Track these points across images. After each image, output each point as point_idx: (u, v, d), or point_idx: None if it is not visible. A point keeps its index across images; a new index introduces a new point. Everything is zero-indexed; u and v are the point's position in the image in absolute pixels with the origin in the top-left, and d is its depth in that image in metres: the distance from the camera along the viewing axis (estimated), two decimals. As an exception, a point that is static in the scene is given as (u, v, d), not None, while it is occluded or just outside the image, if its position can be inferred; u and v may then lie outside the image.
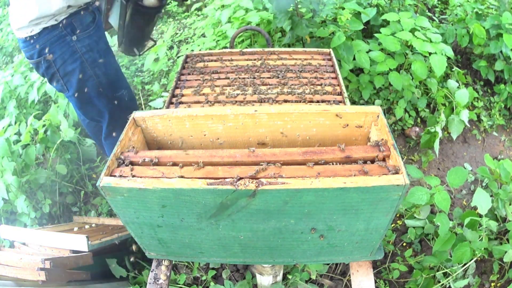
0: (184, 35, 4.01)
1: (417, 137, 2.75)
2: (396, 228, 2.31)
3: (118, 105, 1.88)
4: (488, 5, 3.12)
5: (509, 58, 2.81)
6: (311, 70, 1.68)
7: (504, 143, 2.92)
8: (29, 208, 2.28)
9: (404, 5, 2.99)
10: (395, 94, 2.78)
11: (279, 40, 2.90)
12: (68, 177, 2.66)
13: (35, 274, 1.44)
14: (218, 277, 2.03)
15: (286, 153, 1.00)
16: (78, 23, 1.59)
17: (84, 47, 1.63)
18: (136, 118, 1.14)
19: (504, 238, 1.98)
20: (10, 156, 2.30)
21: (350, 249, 1.11)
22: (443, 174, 2.65)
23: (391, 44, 2.35)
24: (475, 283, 1.92)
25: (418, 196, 1.72)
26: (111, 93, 1.82)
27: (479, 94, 3.05)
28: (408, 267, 2.06)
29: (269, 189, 0.86)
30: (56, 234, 1.70)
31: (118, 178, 0.91)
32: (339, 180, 0.87)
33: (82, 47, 1.63)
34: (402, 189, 0.87)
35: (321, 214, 0.94)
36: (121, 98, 1.86)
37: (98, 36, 1.67)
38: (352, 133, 1.16)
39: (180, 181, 0.89)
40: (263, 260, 1.22)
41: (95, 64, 1.69)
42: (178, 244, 1.11)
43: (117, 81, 1.81)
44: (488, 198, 1.76)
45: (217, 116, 1.13)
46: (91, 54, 1.66)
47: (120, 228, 2.12)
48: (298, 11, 2.49)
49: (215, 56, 1.86)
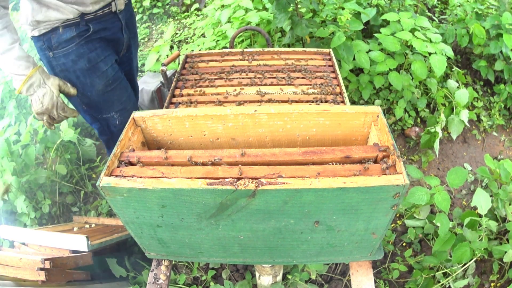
0: (184, 35, 4.01)
1: (417, 137, 2.75)
2: (396, 228, 2.31)
3: (107, 126, 1.72)
4: (488, 5, 3.12)
5: (509, 58, 2.81)
6: (311, 70, 1.68)
7: (504, 143, 2.92)
8: (29, 208, 2.28)
9: (404, 5, 2.99)
10: (395, 94, 2.78)
11: (279, 40, 2.91)
12: (68, 177, 2.66)
13: (35, 274, 1.44)
14: (218, 277, 2.03)
15: (286, 153, 1.00)
16: (55, 39, 1.43)
17: (59, 65, 1.48)
18: (135, 118, 1.14)
19: (504, 238, 1.98)
20: (10, 156, 2.30)
21: (350, 249, 1.11)
22: (443, 174, 2.65)
23: (391, 44, 2.35)
24: (475, 283, 1.92)
25: (418, 196, 1.72)
26: (96, 114, 1.65)
27: (479, 94, 3.05)
28: (408, 267, 2.06)
29: (269, 189, 0.86)
30: (56, 234, 1.70)
31: (118, 178, 0.91)
32: (339, 180, 0.87)
33: (57, 65, 1.48)
34: (402, 189, 0.87)
35: (320, 214, 0.94)
36: (110, 120, 1.68)
37: (78, 54, 1.47)
38: (352, 133, 1.16)
39: (180, 181, 0.89)
40: (263, 260, 1.22)
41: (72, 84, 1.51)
42: (178, 244, 1.11)
43: (102, 103, 1.61)
44: (488, 198, 1.76)
45: (217, 116, 1.13)
46: (66, 74, 1.49)
47: (120, 228, 2.12)
48: (298, 11, 2.49)
49: (215, 56, 1.86)
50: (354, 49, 2.42)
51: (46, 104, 1.40)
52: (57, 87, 1.42)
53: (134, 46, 1.86)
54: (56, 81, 1.43)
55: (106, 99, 1.61)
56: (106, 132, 1.75)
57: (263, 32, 2.11)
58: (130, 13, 1.72)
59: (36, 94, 1.38)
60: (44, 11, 1.37)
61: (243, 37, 3.07)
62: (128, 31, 1.71)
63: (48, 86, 1.40)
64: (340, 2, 2.63)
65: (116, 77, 1.61)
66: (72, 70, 1.49)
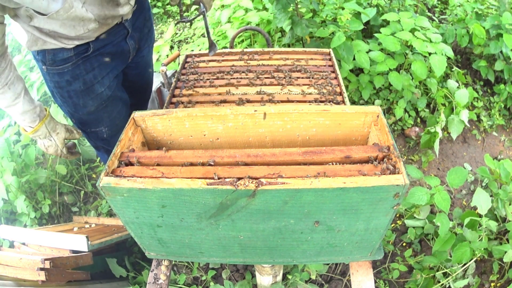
0: (184, 35, 4.01)
1: (417, 137, 2.75)
2: (396, 228, 2.31)
3: (95, 138, 1.67)
4: (488, 5, 3.12)
5: (509, 58, 2.81)
6: (311, 70, 1.68)
7: (504, 143, 2.92)
8: (29, 208, 2.29)
9: (404, 5, 2.99)
10: (395, 94, 2.78)
11: (279, 40, 2.91)
12: (68, 177, 2.66)
13: (35, 274, 1.44)
14: (218, 277, 2.03)
15: (286, 153, 1.00)
16: (50, 56, 1.31)
17: (53, 82, 1.40)
18: (135, 118, 1.14)
19: (504, 238, 1.98)
20: (10, 156, 2.30)
21: (350, 249, 1.11)
22: (443, 174, 2.65)
23: (391, 44, 2.35)
24: (475, 283, 1.92)
25: (418, 196, 1.73)
26: (84, 128, 1.60)
27: (479, 94, 3.05)
28: (408, 267, 2.06)
29: (269, 189, 0.86)
30: (56, 234, 1.70)
31: (118, 178, 0.91)
32: (339, 180, 0.87)
33: (50, 81, 1.40)
34: (402, 189, 0.87)
35: (321, 214, 0.94)
36: (98, 133, 1.62)
37: (73, 76, 1.36)
38: (352, 133, 1.16)
39: (180, 181, 0.89)
40: (263, 260, 1.22)
41: (64, 100, 1.45)
42: (178, 244, 1.11)
43: (92, 120, 1.55)
44: (488, 198, 1.76)
45: (216, 116, 1.13)
46: (59, 90, 1.42)
47: (120, 228, 2.12)
48: (298, 11, 2.50)
49: (215, 56, 1.86)
50: (354, 49, 2.42)
51: (50, 153, 1.42)
52: (62, 141, 1.41)
53: (148, 44, 1.70)
54: (62, 134, 1.40)
55: (96, 117, 1.55)
56: (94, 143, 1.73)
57: (263, 32, 2.11)
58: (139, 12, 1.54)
59: (40, 141, 1.39)
60: (40, 44, 1.26)
61: (243, 37, 3.07)
62: (137, 32, 1.55)
63: (53, 139, 1.39)
64: (340, 2, 2.64)
65: (110, 97, 1.52)
66: (65, 90, 1.41)
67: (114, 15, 1.31)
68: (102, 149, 1.75)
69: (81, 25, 1.22)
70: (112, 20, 1.34)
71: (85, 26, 1.23)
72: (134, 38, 1.54)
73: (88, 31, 1.26)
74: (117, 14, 1.32)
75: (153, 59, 1.93)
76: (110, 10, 1.28)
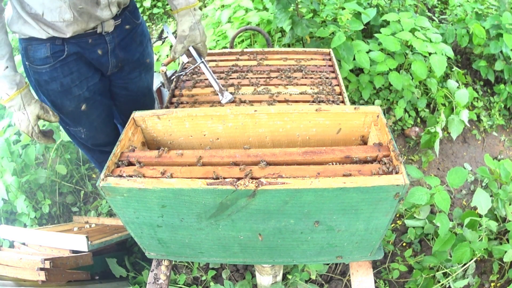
0: (184, 35, 4.00)
1: (417, 137, 2.75)
2: (396, 228, 2.31)
3: (74, 137, 1.69)
4: (488, 5, 3.12)
5: (509, 58, 2.81)
6: (311, 70, 1.68)
7: (504, 143, 2.92)
8: (29, 208, 2.28)
9: (404, 5, 2.99)
10: (395, 94, 2.78)
11: (279, 40, 2.91)
12: (68, 177, 2.66)
13: (35, 274, 1.44)
14: (218, 277, 2.03)
15: (286, 153, 1.00)
16: (31, 53, 1.34)
17: (34, 78, 1.41)
18: (135, 118, 1.14)
19: (504, 238, 1.98)
20: (10, 156, 2.30)
21: (350, 249, 1.11)
22: (443, 174, 2.65)
23: (391, 44, 2.35)
24: (475, 283, 1.92)
25: (418, 196, 1.72)
26: (64, 125, 1.61)
27: (479, 94, 3.05)
28: (408, 267, 2.06)
29: (269, 189, 0.86)
30: (56, 234, 1.70)
31: (118, 178, 0.91)
32: (339, 180, 0.87)
33: (32, 77, 1.41)
34: (402, 189, 0.87)
35: (320, 214, 0.94)
36: (77, 133, 1.63)
37: (51, 77, 1.38)
38: (352, 133, 1.16)
39: (180, 181, 0.89)
40: (263, 260, 1.22)
41: (44, 98, 1.46)
42: (178, 244, 1.11)
43: (70, 119, 1.56)
44: (488, 198, 1.76)
45: (216, 116, 1.13)
46: (39, 88, 1.44)
47: (120, 228, 2.12)
48: (298, 11, 2.50)
49: (215, 56, 1.86)
50: (354, 49, 2.42)
51: (22, 129, 1.36)
52: (35, 117, 1.35)
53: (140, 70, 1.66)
54: (36, 110, 1.34)
55: (74, 117, 1.55)
56: (73, 141, 1.74)
57: (263, 32, 2.11)
58: (126, 33, 1.50)
59: (15, 115, 1.34)
60: (20, 24, 1.28)
61: (243, 37, 3.07)
62: (122, 52, 1.51)
63: (26, 113, 1.33)
64: (340, 2, 2.64)
65: (90, 99, 1.51)
66: (44, 88, 1.42)
67: (91, 13, 1.31)
68: (82, 146, 1.75)
69: (57, 11, 1.24)
70: (89, 20, 1.33)
71: (60, 14, 1.25)
72: (117, 57, 1.51)
73: (63, 21, 1.27)
74: (94, 14, 1.32)
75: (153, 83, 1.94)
76: (88, 4, 1.28)
